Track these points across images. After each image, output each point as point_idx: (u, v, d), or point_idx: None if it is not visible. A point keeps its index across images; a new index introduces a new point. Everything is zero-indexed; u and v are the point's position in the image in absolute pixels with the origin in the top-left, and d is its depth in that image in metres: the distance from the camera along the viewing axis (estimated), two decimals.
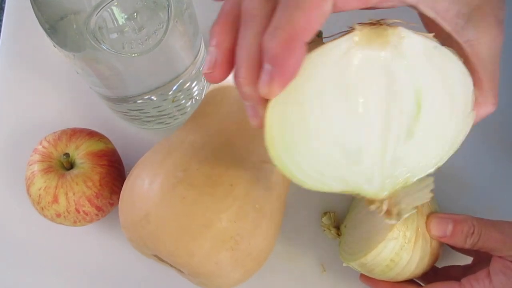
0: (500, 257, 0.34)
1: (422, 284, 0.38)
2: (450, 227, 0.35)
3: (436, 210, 0.38)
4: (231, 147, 0.36)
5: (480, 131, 0.41)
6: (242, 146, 0.37)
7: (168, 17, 0.34)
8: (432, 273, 0.38)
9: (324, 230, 0.43)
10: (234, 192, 0.34)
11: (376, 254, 0.36)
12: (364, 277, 0.41)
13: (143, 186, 0.35)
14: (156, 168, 0.35)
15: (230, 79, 0.41)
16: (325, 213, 0.43)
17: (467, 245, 0.35)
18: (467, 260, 0.39)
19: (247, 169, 0.36)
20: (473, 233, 0.35)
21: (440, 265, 0.39)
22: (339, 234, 0.42)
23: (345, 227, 0.41)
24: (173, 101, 0.44)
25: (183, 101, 0.45)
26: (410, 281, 0.38)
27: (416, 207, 0.32)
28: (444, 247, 0.38)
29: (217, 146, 0.36)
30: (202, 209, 0.33)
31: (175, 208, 0.33)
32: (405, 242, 0.36)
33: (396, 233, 0.35)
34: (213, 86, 0.41)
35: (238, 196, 0.34)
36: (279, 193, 0.38)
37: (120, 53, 0.34)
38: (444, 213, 0.37)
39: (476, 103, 0.27)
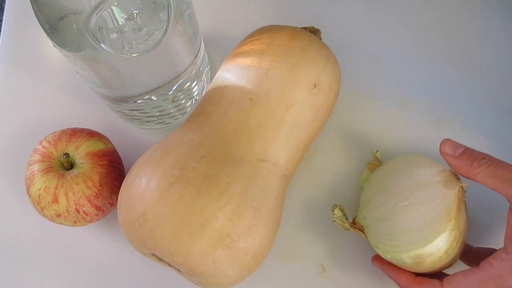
0: None
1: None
2: (460, 149, 0.36)
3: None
4: (228, 146, 0.37)
5: None
6: (239, 145, 0.37)
7: (168, 17, 0.34)
8: None
9: (335, 221, 0.42)
10: (230, 190, 0.34)
11: (435, 245, 0.36)
12: (379, 262, 0.40)
13: (140, 185, 0.35)
14: (154, 167, 0.35)
15: (228, 78, 0.41)
16: (335, 206, 0.42)
17: (472, 170, 0.35)
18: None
19: (244, 168, 0.36)
20: (482, 158, 0.35)
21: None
22: (352, 226, 0.42)
23: (364, 218, 0.41)
24: (173, 101, 0.44)
25: (183, 101, 0.45)
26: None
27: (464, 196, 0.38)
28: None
29: (214, 145, 0.36)
30: (199, 208, 0.33)
31: (172, 206, 0.33)
32: (459, 234, 0.36)
33: (454, 224, 0.36)
34: (211, 85, 0.41)
35: (234, 194, 0.34)
36: (277, 192, 0.38)
37: (120, 53, 0.34)
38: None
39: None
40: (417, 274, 0.38)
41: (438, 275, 0.38)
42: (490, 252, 0.35)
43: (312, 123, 0.41)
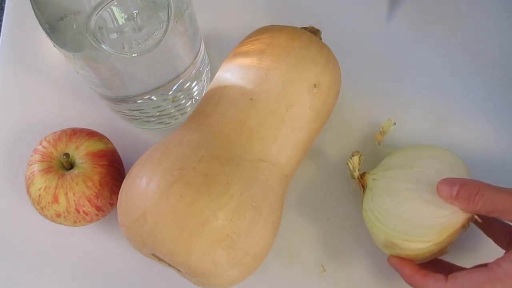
0: None
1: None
2: (456, 189, 0.36)
3: None
4: (228, 146, 0.37)
5: None
6: (239, 145, 0.37)
7: (168, 17, 0.34)
8: None
9: (347, 164, 0.42)
10: (230, 190, 0.34)
11: (411, 246, 0.36)
12: (393, 258, 0.39)
13: (140, 185, 0.35)
14: (154, 167, 0.35)
15: (228, 78, 0.41)
16: (357, 153, 0.42)
17: (472, 207, 0.35)
18: (469, 260, 0.39)
19: (244, 168, 0.36)
20: (476, 194, 0.35)
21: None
22: (358, 179, 0.42)
23: (373, 180, 0.40)
24: (173, 101, 0.44)
25: (183, 101, 0.45)
26: (434, 261, 0.38)
27: None
28: None
29: (214, 145, 0.36)
30: (199, 208, 0.33)
31: (172, 206, 0.33)
32: (437, 250, 0.36)
33: (441, 241, 0.36)
34: (211, 85, 0.41)
35: (234, 194, 0.34)
36: (277, 192, 0.38)
37: (120, 53, 0.34)
38: (455, 177, 0.37)
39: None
40: (422, 266, 0.37)
41: (442, 266, 0.38)
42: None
43: (312, 123, 0.41)
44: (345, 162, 0.43)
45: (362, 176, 0.42)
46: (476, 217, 0.36)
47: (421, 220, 0.36)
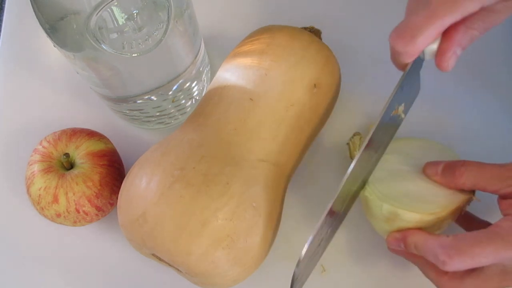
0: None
1: None
2: (441, 166, 0.37)
3: None
4: (228, 146, 0.37)
5: None
6: (239, 145, 0.37)
7: (168, 17, 0.34)
8: None
9: (348, 144, 0.43)
10: (230, 190, 0.34)
11: (414, 217, 0.37)
12: (395, 233, 0.39)
13: (140, 185, 0.35)
14: (154, 167, 0.35)
15: (228, 78, 0.41)
16: (358, 134, 0.43)
17: (457, 181, 0.36)
18: None
19: (244, 168, 0.36)
20: (462, 166, 0.36)
21: None
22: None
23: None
24: (173, 101, 0.44)
25: (183, 101, 0.45)
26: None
27: None
28: None
29: (214, 145, 0.36)
30: (199, 208, 0.33)
31: (172, 206, 0.33)
32: (437, 226, 0.37)
33: (441, 216, 0.37)
34: (211, 85, 0.41)
35: (234, 194, 0.34)
36: (277, 192, 0.38)
37: (120, 53, 0.34)
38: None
39: None
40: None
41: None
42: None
43: (312, 123, 0.41)
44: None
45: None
46: (474, 197, 0.37)
47: (423, 197, 0.37)
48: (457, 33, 0.34)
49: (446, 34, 0.34)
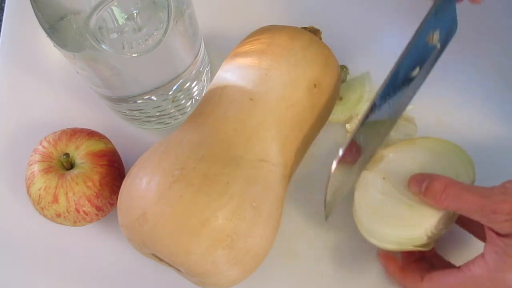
0: (496, 234, 0.34)
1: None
2: (424, 185, 0.37)
3: None
4: (228, 146, 0.37)
5: None
6: (239, 145, 0.37)
7: (168, 17, 0.34)
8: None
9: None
10: (230, 190, 0.34)
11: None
12: (380, 256, 0.42)
13: (140, 185, 0.35)
14: (154, 167, 0.35)
15: (228, 78, 0.41)
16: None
17: (439, 205, 0.36)
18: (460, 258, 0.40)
19: (244, 168, 0.36)
20: (442, 192, 0.35)
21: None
22: None
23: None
24: (173, 101, 0.44)
25: (183, 101, 0.45)
26: (421, 255, 0.39)
27: None
28: None
29: (214, 145, 0.36)
30: (199, 208, 0.33)
31: (172, 206, 0.33)
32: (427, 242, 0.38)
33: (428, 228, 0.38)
34: (211, 85, 0.41)
35: (234, 194, 0.34)
36: (277, 192, 0.38)
37: (120, 53, 0.34)
38: (425, 173, 0.38)
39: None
40: (406, 262, 0.39)
41: (422, 270, 0.38)
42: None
43: (312, 123, 0.41)
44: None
45: None
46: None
47: (410, 220, 0.38)
48: None
49: None
